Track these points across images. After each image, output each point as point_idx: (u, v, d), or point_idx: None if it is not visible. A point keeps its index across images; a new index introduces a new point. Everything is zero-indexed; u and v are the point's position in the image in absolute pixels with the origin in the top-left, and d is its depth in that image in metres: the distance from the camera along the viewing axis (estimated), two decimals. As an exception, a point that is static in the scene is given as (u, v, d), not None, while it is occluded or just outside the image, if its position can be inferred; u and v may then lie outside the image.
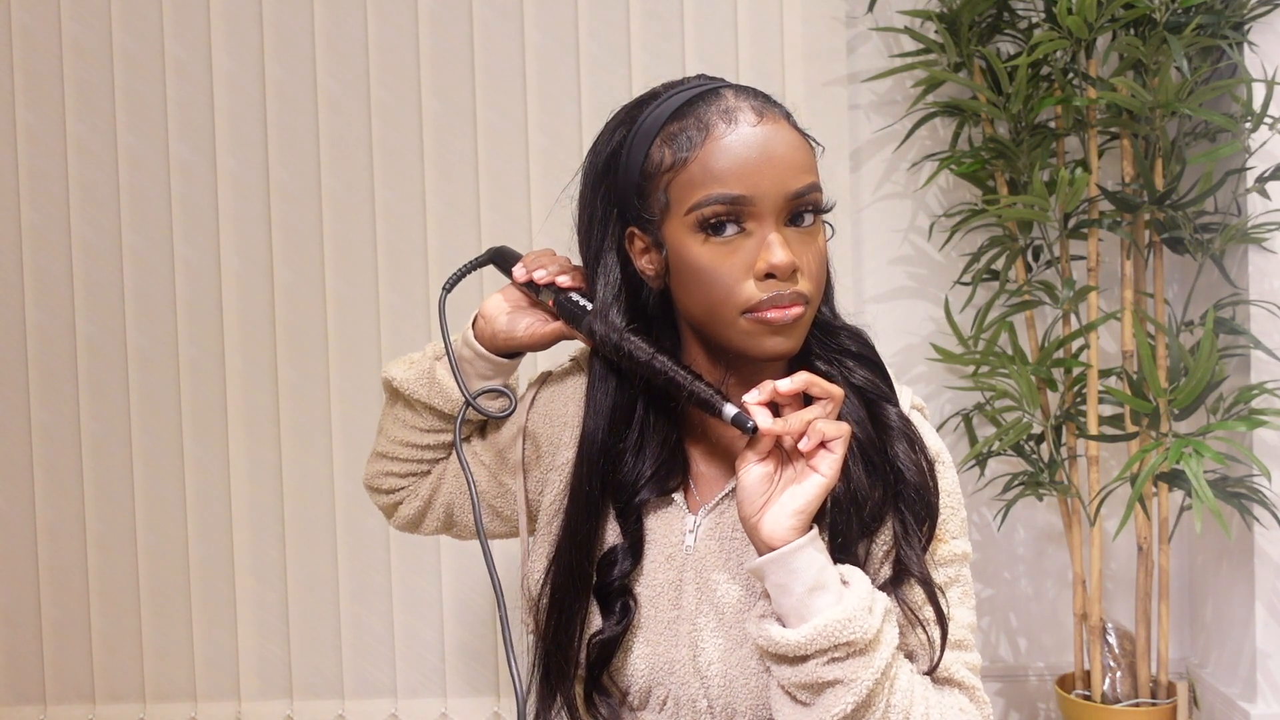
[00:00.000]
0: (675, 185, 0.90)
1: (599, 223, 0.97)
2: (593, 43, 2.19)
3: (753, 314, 0.89)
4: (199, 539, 2.25)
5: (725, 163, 0.88)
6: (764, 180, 0.88)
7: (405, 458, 1.15)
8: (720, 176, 0.88)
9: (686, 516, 0.99)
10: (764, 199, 0.88)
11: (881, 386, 0.96)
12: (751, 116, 0.90)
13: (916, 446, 0.93)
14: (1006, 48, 2.15)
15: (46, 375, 2.27)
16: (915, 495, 0.92)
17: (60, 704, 2.29)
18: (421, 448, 1.14)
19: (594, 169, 0.99)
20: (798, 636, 0.85)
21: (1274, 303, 2.01)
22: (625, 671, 0.98)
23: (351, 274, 2.23)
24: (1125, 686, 2.05)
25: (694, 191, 0.89)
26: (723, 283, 0.89)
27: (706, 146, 0.89)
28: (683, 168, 0.90)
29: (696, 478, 1.01)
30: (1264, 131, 1.98)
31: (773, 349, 0.90)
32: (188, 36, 2.23)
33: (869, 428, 0.94)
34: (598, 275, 0.98)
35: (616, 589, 0.98)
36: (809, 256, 0.90)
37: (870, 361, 0.97)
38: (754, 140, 0.88)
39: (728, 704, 0.94)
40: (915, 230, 2.29)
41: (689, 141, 0.90)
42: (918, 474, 0.92)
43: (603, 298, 0.97)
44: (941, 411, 2.29)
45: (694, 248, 0.90)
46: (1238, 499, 1.95)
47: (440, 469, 1.16)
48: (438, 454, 1.15)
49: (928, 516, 0.93)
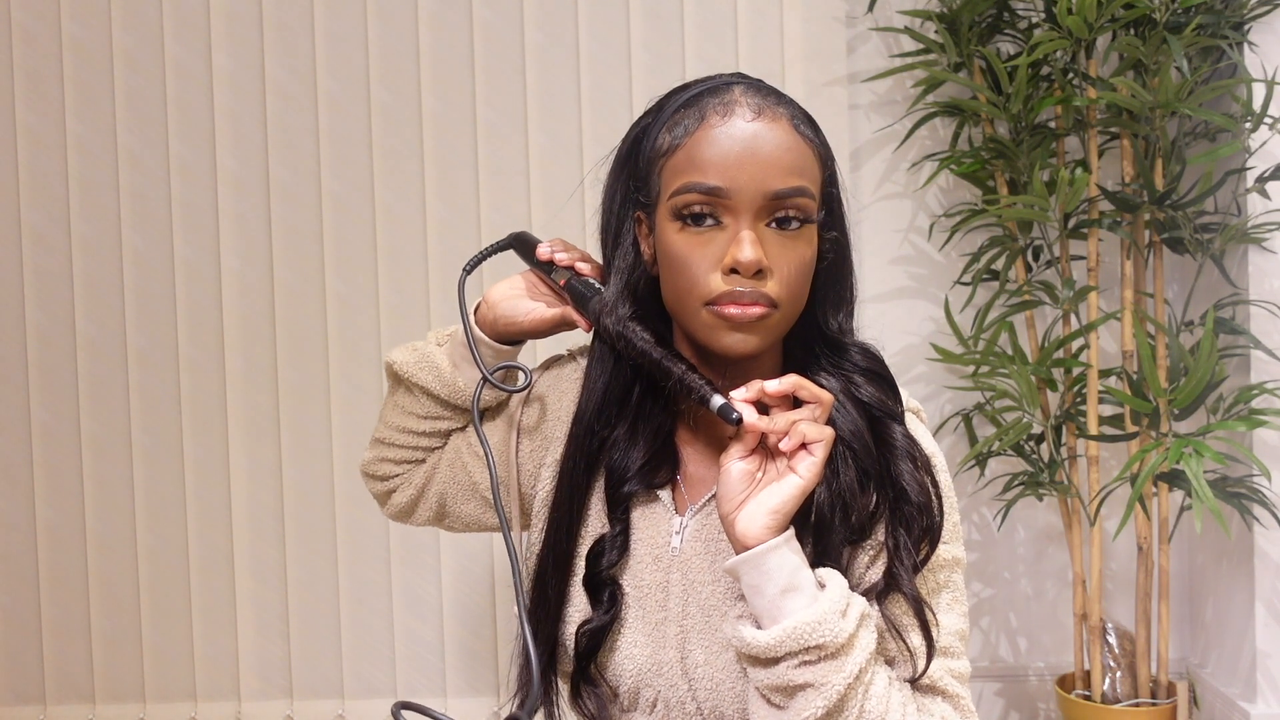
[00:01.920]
0: (666, 170, 0.91)
1: (619, 204, 0.98)
2: (593, 43, 2.19)
3: (713, 306, 0.89)
4: (199, 539, 2.25)
5: (708, 153, 0.88)
6: (742, 175, 0.88)
7: (402, 444, 1.15)
8: (701, 166, 0.88)
9: (673, 518, 0.99)
10: (740, 194, 0.88)
11: (888, 404, 0.95)
12: (748, 112, 0.90)
13: (921, 466, 0.93)
14: (1006, 48, 2.15)
15: (46, 375, 2.27)
16: (916, 514, 0.91)
17: (60, 704, 2.29)
18: (418, 434, 1.13)
19: (620, 153, 0.99)
20: (768, 638, 0.84)
21: (1274, 303, 2.01)
22: (614, 671, 0.98)
23: (351, 274, 2.22)
24: (1125, 686, 2.05)
25: (677, 178, 0.90)
26: (691, 272, 0.89)
27: (696, 135, 0.90)
28: (673, 154, 0.91)
29: (686, 478, 1.01)
30: (1264, 131, 1.98)
31: (730, 345, 0.90)
32: (188, 36, 2.23)
33: (867, 438, 0.93)
34: (614, 257, 0.98)
35: (604, 579, 0.98)
36: (785, 261, 0.89)
37: (879, 377, 0.96)
38: (741, 135, 0.88)
39: (715, 706, 0.94)
40: (915, 230, 2.29)
41: (684, 130, 0.91)
42: (921, 493, 0.92)
43: (615, 281, 0.97)
44: (941, 411, 2.29)
45: (672, 234, 0.90)
46: (1238, 499, 1.96)
47: (435, 458, 1.16)
48: (434, 442, 1.15)
49: (927, 537, 0.92)
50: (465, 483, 1.13)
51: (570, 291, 1.03)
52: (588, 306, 1.01)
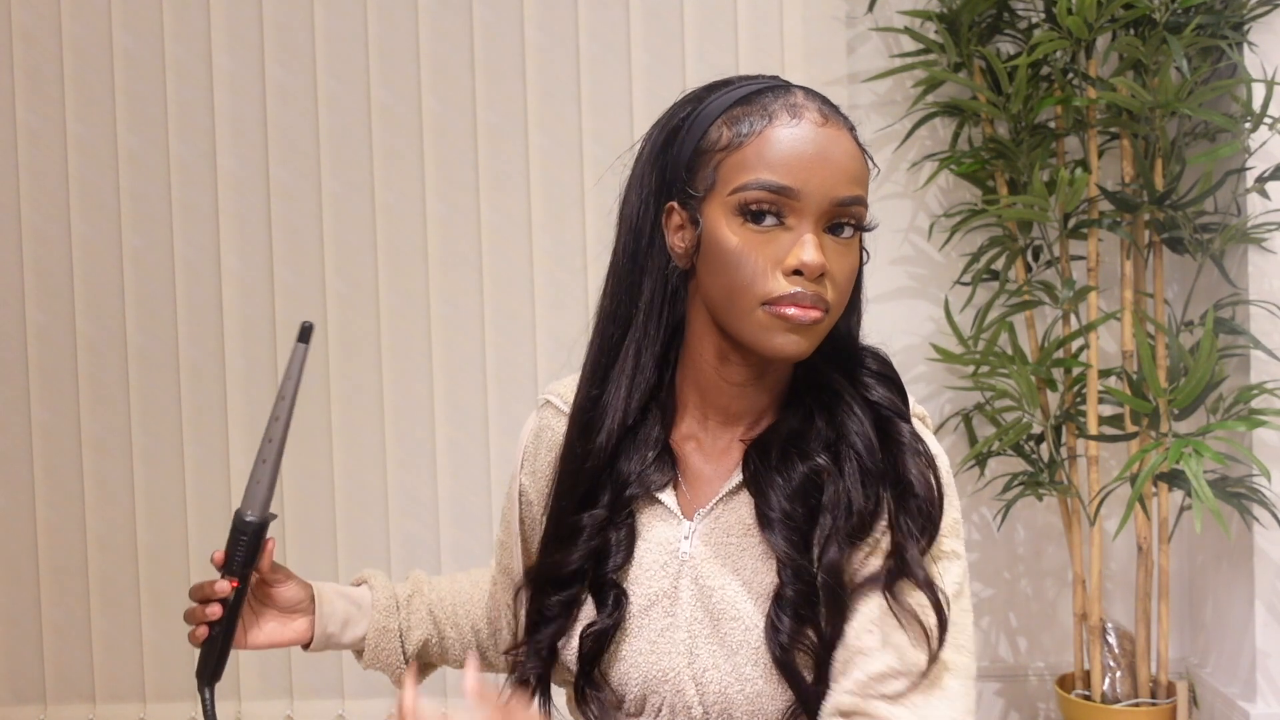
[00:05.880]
0: (726, 164, 0.90)
1: (652, 194, 0.97)
2: (593, 43, 2.19)
3: (772, 306, 0.88)
4: (199, 539, 2.25)
5: (780, 152, 0.88)
6: (814, 178, 0.88)
7: (439, 653, 1.21)
8: (772, 164, 0.88)
9: (681, 523, 0.98)
10: (810, 197, 0.88)
11: (898, 404, 0.96)
12: (817, 117, 0.90)
13: (926, 462, 0.93)
14: (1006, 48, 2.15)
15: (46, 375, 2.27)
16: (920, 508, 0.91)
17: (60, 704, 2.29)
18: (402, 652, 1.18)
19: (653, 143, 0.98)
20: None
21: (1274, 303, 2.01)
22: (619, 677, 0.98)
23: (351, 274, 2.23)
24: (1125, 686, 2.05)
25: (743, 174, 0.89)
26: (750, 270, 0.89)
27: (765, 133, 0.89)
28: (738, 148, 0.90)
29: (689, 480, 1.00)
30: (1264, 131, 1.98)
31: (783, 346, 0.89)
32: (188, 36, 2.22)
33: (872, 439, 0.93)
34: (640, 250, 0.96)
35: (608, 581, 0.98)
36: (840, 267, 0.90)
37: (890, 380, 0.97)
38: (814, 138, 0.89)
39: (724, 710, 0.94)
40: (915, 230, 2.29)
41: (750, 125, 0.90)
42: (925, 488, 0.92)
43: (647, 281, 0.96)
44: (941, 411, 2.29)
45: (731, 229, 0.90)
46: (1237, 499, 1.96)
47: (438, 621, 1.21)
48: (413, 638, 1.20)
49: (929, 527, 0.92)
50: (506, 584, 1.13)
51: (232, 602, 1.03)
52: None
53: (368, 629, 1.14)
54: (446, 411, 2.24)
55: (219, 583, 1.02)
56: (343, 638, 1.13)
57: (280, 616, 1.10)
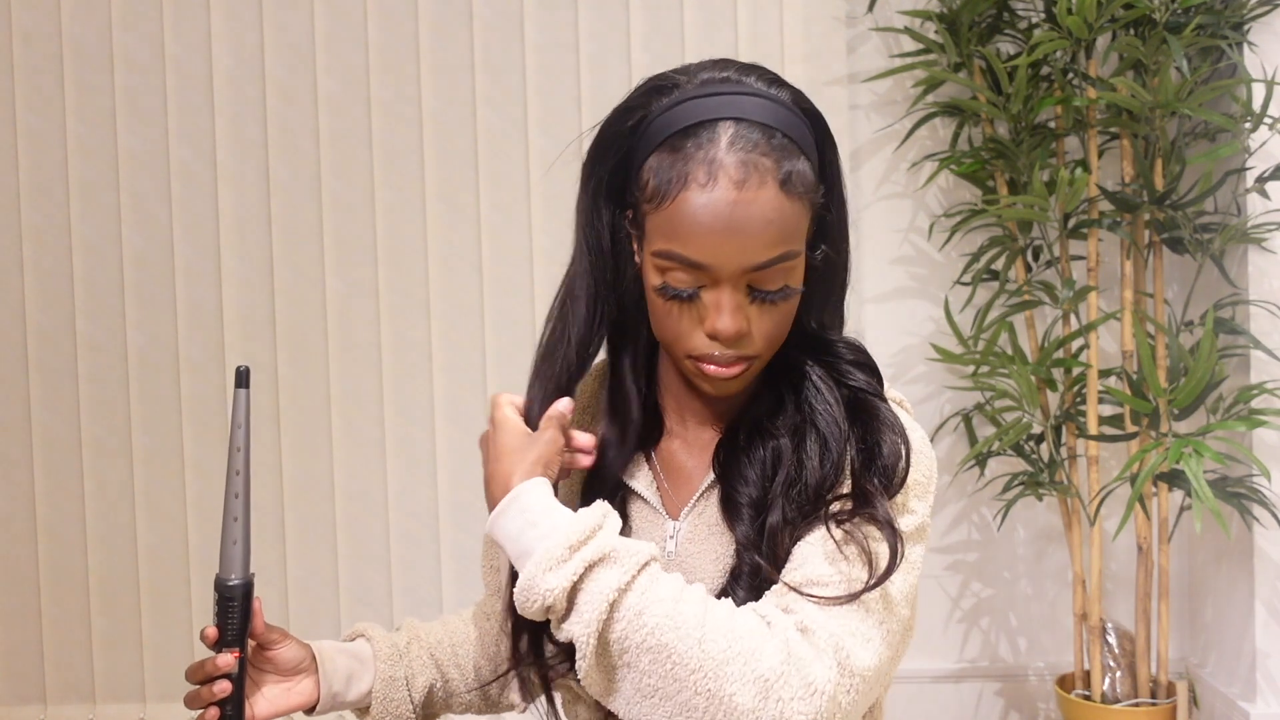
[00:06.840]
0: (651, 219, 0.90)
1: (600, 192, 0.97)
2: (593, 43, 2.19)
3: (695, 361, 0.92)
4: (199, 539, 2.25)
5: (692, 225, 0.87)
6: (724, 250, 0.87)
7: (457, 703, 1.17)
8: (685, 238, 0.87)
9: (666, 523, 0.99)
10: (723, 269, 0.88)
11: (876, 387, 0.98)
12: (735, 173, 0.86)
13: (900, 435, 0.95)
14: (1006, 48, 2.15)
15: (46, 375, 2.27)
16: (884, 468, 0.93)
17: (60, 704, 2.29)
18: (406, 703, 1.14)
19: (604, 135, 0.97)
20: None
21: (1274, 303, 2.01)
22: None
23: (351, 274, 2.23)
24: (1125, 686, 2.05)
25: (661, 240, 0.89)
26: (673, 328, 0.92)
27: (680, 198, 0.87)
28: (658, 207, 0.89)
29: (674, 477, 1.01)
30: (1264, 131, 1.98)
31: (712, 390, 0.94)
32: (188, 36, 2.23)
33: (840, 421, 0.95)
34: (588, 246, 0.97)
35: None
36: (762, 326, 0.91)
37: (867, 367, 0.99)
38: (725, 209, 0.86)
39: None
40: (915, 230, 2.29)
41: (668, 184, 0.88)
42: (893, 454, 0.93)
43: (609, 295, 0.97)
44: (941, 411, 2.29)
45: (655, 286, 0.91)
46: (1237, 499, 1.96)
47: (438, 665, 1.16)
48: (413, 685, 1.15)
49: (891, 483, 0.93)
50: (497, 603, 1.12)
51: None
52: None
53: (373, 681, 1.09)
54: (446, 411, 2.25)
55: (221, 657, 0.96)
56: (348, 695, 1.08)
57: (281, 680, 1.04)
